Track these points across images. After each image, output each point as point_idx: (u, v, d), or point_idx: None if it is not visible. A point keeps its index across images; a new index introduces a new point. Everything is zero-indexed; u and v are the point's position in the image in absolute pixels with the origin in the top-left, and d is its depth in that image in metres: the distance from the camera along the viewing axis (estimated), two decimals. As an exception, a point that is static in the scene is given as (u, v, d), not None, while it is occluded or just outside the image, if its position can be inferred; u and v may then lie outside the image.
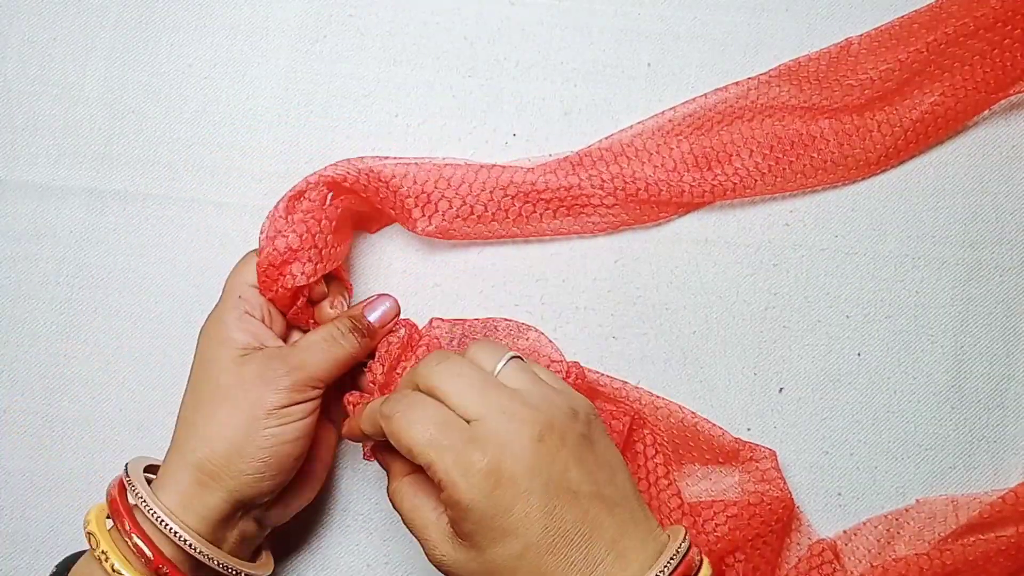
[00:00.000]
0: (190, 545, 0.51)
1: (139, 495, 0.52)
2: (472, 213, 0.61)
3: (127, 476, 0.53)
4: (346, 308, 0.58)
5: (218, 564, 0.52)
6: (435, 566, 0.49)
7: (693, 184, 0.62)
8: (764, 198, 0.63)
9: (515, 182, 0.61)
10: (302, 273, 0.56)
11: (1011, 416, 0.62)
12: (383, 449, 0.54)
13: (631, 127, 0.63)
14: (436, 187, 0.60)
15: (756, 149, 0.62)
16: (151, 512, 0.51)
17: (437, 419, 0.47)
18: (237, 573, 0.54)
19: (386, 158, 0.61)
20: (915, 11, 0.63)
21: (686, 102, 0.63)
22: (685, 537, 0.48)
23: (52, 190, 0.65)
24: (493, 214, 0.61)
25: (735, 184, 0.62)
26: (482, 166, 0.61)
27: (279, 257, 0.56)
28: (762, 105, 0.62)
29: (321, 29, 0.65)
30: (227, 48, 0.66)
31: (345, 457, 0.62)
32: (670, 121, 0.62)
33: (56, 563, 0.55)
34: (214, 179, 0.65)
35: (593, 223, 0.62)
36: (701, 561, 0.48)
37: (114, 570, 0.50)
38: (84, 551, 0.54)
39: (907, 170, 0.64)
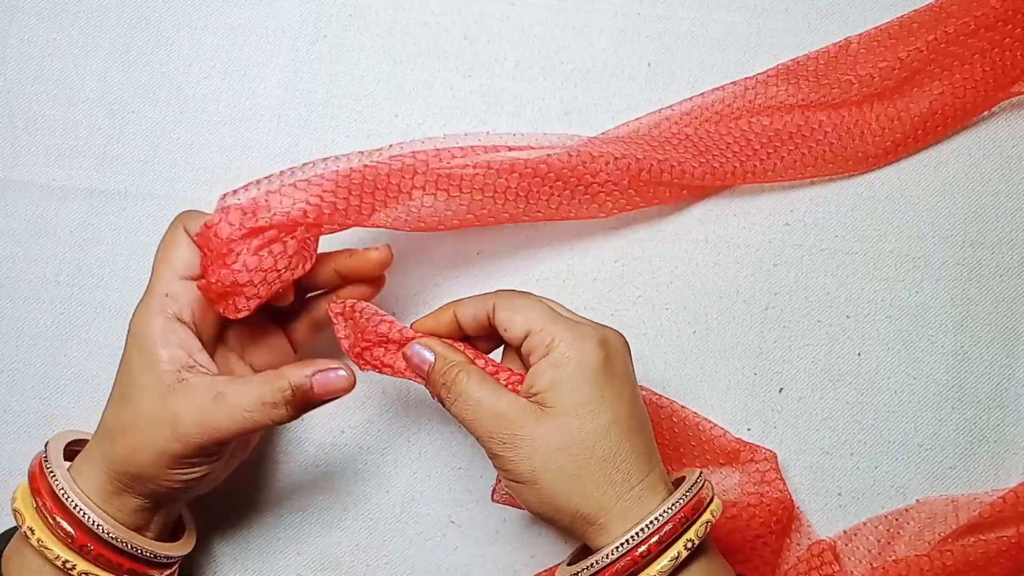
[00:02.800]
0: (108, 534, 0.50)
1: (56, 480, 0.51)
2: (461, 201, 0.56)
3: (46, 459, 0.52)
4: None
5: (139, 551, 0.51)
6: (498, 447, 0.49)
7: (695, 165, 0.61)
8: (764, 197, 0.63)
9: (512, 165, 0.57)
10: (245, 307, 0.52)
11: (1011, 416, 0.62)
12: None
13: (627, 123, 0.63)
14: (416, 179, 0.55)
15: (754, 138, 0.62)
16: (68, 499, 0.50)
17: (547, 307, 0.51)
18: (155, 556, 0.52)
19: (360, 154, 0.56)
20: (915, 10, 0.63)
21: (683, 101, 0.63)
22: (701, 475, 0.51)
23: (52, 190, 0.65)
24: (483, 198, 0.57)
25: (735, 168, 0.61)
26: (472, 147, 0.57)
27: (223, 288, 0.51)
28: (760, 105, 0.62)
29: (321, 29, 0.65)
30: (227, 48, 0.66)
31: (346, 458, 0.62)
32: (667, 119, 0.62)
33: None
34: (214, 179, 0.65)
35: (594, 202, 0.60)
36: (712, 496, 0.51)
37: (41, 545, 0.50)
38: (11, 529, 0.54)
39: (907, 170, 0.64)
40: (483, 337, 0.54)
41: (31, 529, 0.50)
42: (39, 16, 0.66)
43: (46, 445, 0.54)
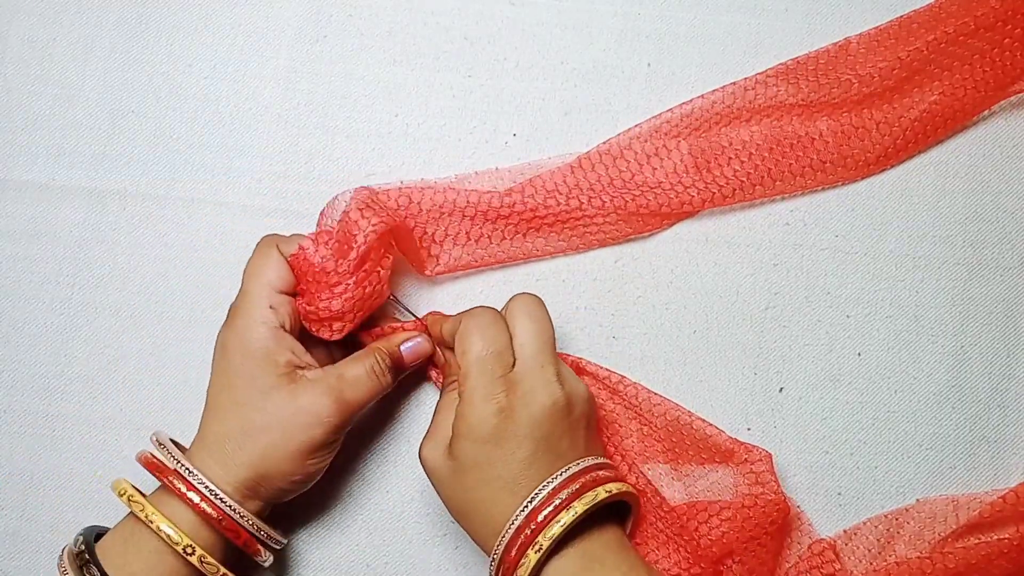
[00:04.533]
0: (231, 507, 0.54)
1: (178, 462, 0.54)
2: (469, 239, 0.61)
3: (160, 445, 0.55)
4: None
5: (256, 528, 0.55)
6: (421, 460, 0.56)
7: (694, 191, 0.62)
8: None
9: (514, 207, 0.61)
10: (342, 331, 0.57)
11: (1012, 416, 0.62)
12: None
13: (628, 130, 0.63)
14: (436, 230, 0.61)
15: (755, 152, 0.62)
16: (193, 476, 0.53)
17: (498, 346, 0.54)
18: (268, 537, 0.56)
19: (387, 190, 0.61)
20: (914, 11, 0.63)
21: (683, 103, 0.63)
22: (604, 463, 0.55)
23: (52, 190, 0.65)
24: (491, 238, 0.62)
25: (735, 189, 0.62)
26: (479, 193, 0.61)
27: (325, 314, 0.56)
28: (760, 105, 0.62)
29: (321, 29, 0.66)
30: (227, 48, 0.66)
31: (346, 457, 0.62)
32: (667, 122, 0.62)
33: (79, 532, 0.55)
34: (214, 179, 0.65)
35: (592, 237, 0.63)
36: (612, 479, 0.54)
37: (161, 531, 0.52)
38: (101, 528, 0.55)
39: (907, 170, 0.64)
40: None
41: (150, 518, 0.53)
42: (39, 16, 0.66)
43: (154, 437, 0.56)
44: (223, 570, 0.54)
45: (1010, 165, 0.64)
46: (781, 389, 0.63)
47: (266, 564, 0.57)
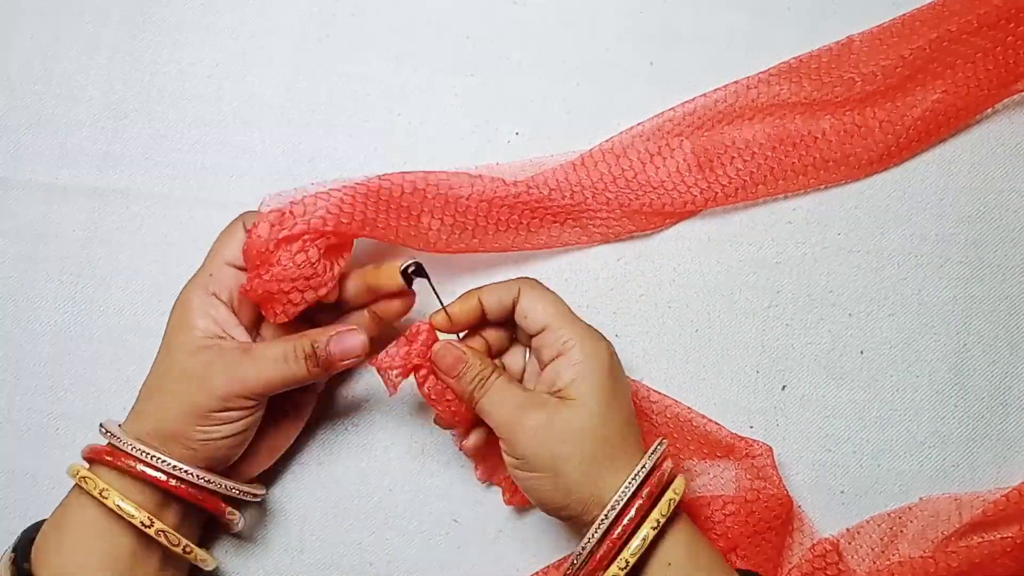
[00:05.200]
0: (185, 471, 0.54)
1: (123, 442, 0.54)
2: (466, 228, 0.60)
3: (106, 431, 0.55)
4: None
5: (219, 485, 0.55)
6: (521, 445, 0.53)
7: (696, 191, 0.62)
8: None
9: (516, 196, 0.61)
10: (283, 312, 0.55)
11: (1014, 414, 0.62)
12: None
13: (631, 128, 0.63)
14: (425, 203, 0.59)
15: (758, 151, 0.62)
16: (141, 452, 0.53)
17: (564, 307, 0.56)
18: (230, 489, 0.56)
19: (367, 182, 0.58)
20: (917, 9, 0.63)
21: (686, 102, 0.63)
22: (656, 450, 0.54)
23: (55, 189, 0.65)
24: (488, 225, 0.61)
25: (737, 188, 0.62)
26: (480, 176, 0.61)
27: (258, 295, 0.55)
28: (763, 104, 0.62)
29: (324, 28, 0.66)
30: (230, 48, 0.66)
31: (348, 458, 0.62)
32: (670, 121, 0.62)
33: (16, 537, 0.55)
34: (217, 178, 0.65)
35: (596, 231, 0.63)
36: (674, 476, 0.54)
37: (117, 505, 0.53)
38: (39, 521, 0.55)
39: (910, 168, 0.64)
40: (500, 326, 0.58)
41: (104, 492, 0.53)
42: (42, 16, 0.66)
43: (101, 425, 0.56)
44: (184, 541, 0.54)
45: (1012, 164, 0.64)
46: (784, 387, 0.62)
47: (239, 526, 0.57)
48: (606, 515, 0.51)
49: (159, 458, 0.53)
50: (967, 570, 0.58)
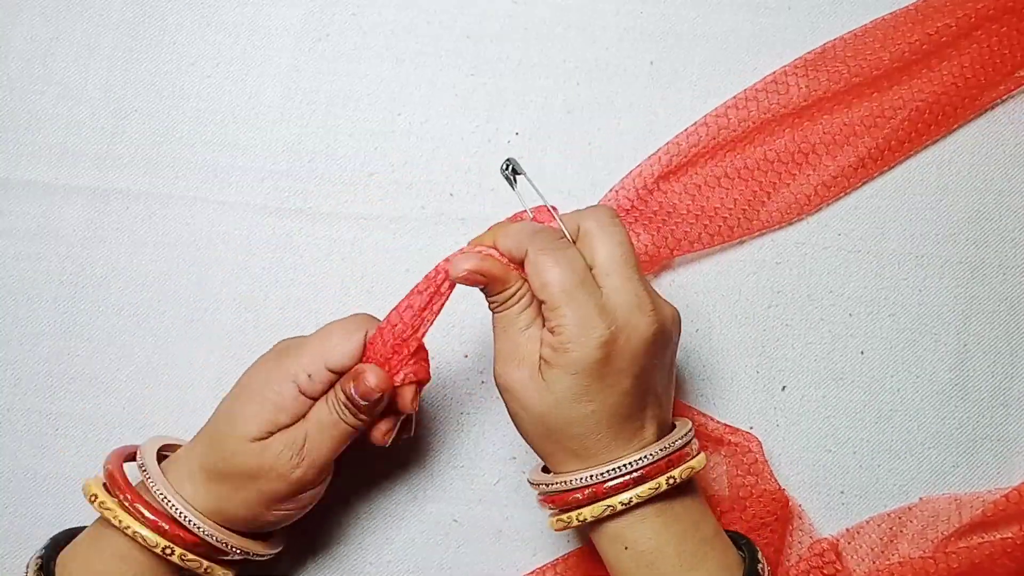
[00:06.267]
0: (196, 526, 0.53)
1: (148, 475, 0.53)
2: None
3: (141, 459, 0.54)
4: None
5: (226, 545, 0.54)
6: (498, 374, 0.52)
7: (700, 227, 0.62)
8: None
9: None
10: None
11: (1015, 414, 0.62)
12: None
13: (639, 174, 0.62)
14: None
15: (752, 179, 0.63)
16: (159, 493, 0.53)
17: (579, 275, 0.50)
18: (245, 553, 0.55)
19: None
20: (915, 4, 0.63)
21: (695, 127, 0.62)
22: (688, 432, 0.53)
23: (55, 189, 0.65)
24: None
25: (737, 221, 0.62)
26: None
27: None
28: (778, 104, 0.62)
29: (324, 28, 0.66)
30: (230, 47, 0.66)
31: (348, 457, 0.62)
32: (667, 153, 0.62)
33: (45, 544, 0.55)
34: (217, 178, 0.65)
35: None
36: (698, 451, 0.53)
37: (136, 535, 0.52)
38: (75, 528, 0.55)
39: (910, 168, 0.64)
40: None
41: (120, 522, 0.52)
42: (42, 15, 0.66)
43: (140, 449, 0.56)
44: (205, 563, 0.53)
45: (1013, 163, 0.64)
46: (784, 388, 0.62)
47: None
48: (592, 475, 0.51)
49: (176, 508, 0.53)
50: (967, 570, 0.58)
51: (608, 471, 0.50)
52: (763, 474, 0.59)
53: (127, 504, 0.52)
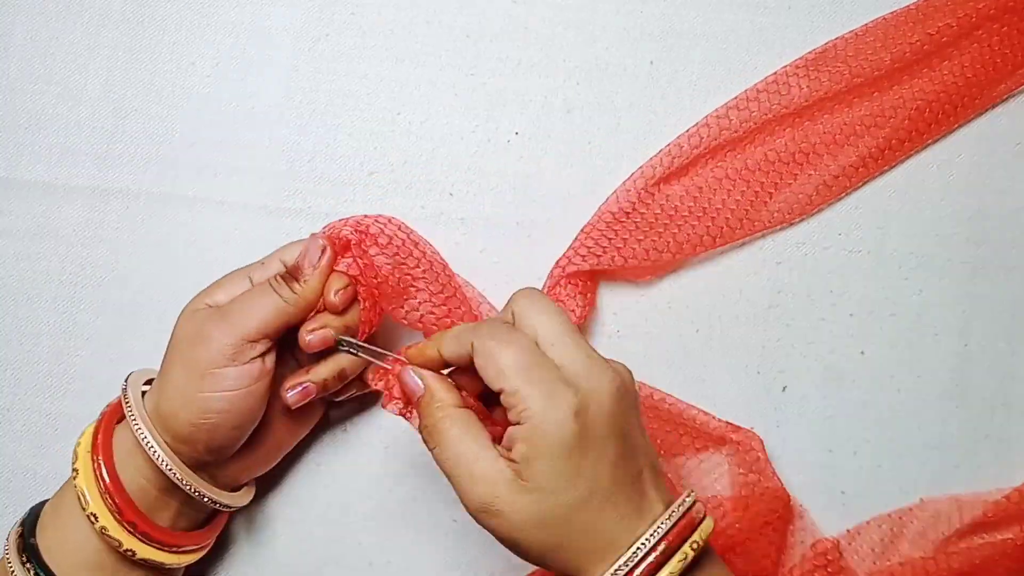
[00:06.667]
0: (167, 467, 0.53)
1: (131, 410, 0.54)
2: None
3: (124, 390, 0.55)
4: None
5: (193, 491, 0.54)
6: (475, 511, 0.47)
7: (701, 230, 0.62)
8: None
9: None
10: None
11: (1016, 415, 0.62)
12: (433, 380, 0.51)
13: (642, 175, 0.62)
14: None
15: (753, 179, 0.62)
16: (137, 429, 0.53)
17: (532, 351, 0.47)
18: (211, 500, 0.55)
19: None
20: (916, 3, 0.63)
21: (697, 127, 0.62)
22: (691, 494, 0.49)
23: (55, 189, 0.65)
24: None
25: (741, 220, 0.62)
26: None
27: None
28: (780, 105, 0.62)
29: (323, 27, 0.66)
30: (229, 47, 0.66)
31: (348, 457, 0.62)
32: (667, 155, 0.62)
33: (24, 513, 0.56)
34: (216, 178, 0.65)
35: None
36: (704, 516, 0.49)
37: (100, 526, 0.53)
38: (43, 501, 0.56)
39: (911, 168, 0.64)
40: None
41: (94, 515, 0.53)
42: (42, 15, 0.66)
43: (128, 376, 0.56)
44: (126, 544, 0.53)
45: (1013, 163, 0.64)
46: (784, 388, 0.62)
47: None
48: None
49: (152, 447, 0.53)
50: (968, 571, 0.57)
51: (633, 552, 0.46)
52: (765, 472, 0.59)
53: (96, 459, 0.53)
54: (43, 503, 0.56)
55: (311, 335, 0.54)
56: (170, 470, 0.53)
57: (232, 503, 0.57)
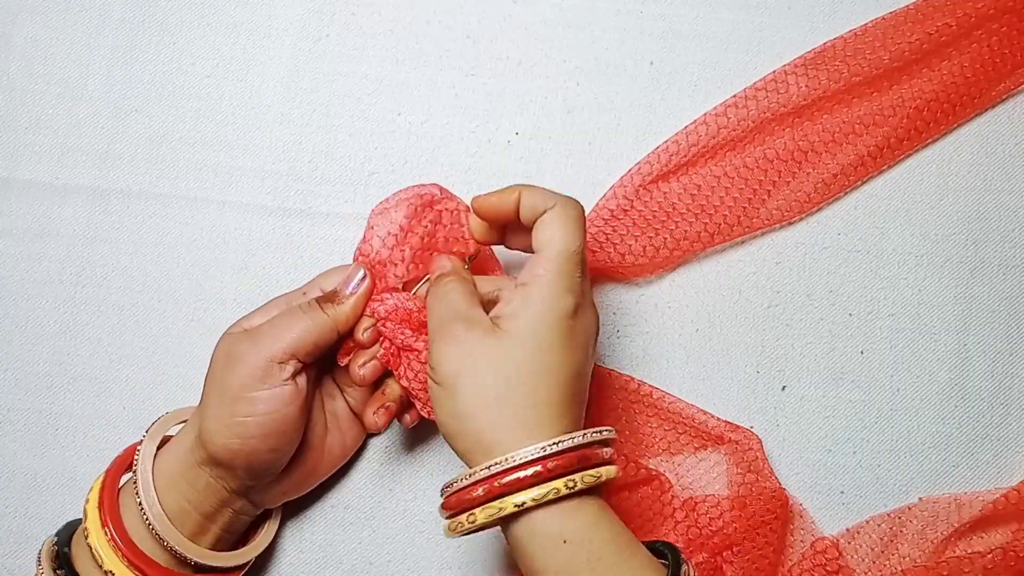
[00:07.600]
0: (166, 544, 0.54)
1: (135, 476, 0.55)
2: None
3: (140, 444, 0.56)
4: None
5: (193, 563, 0.55)
6: (435, 349, 0.50)
7: (700, 226, 0.62)
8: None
9: None
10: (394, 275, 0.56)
11: (1014, 414, 0.62)
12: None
13: (639, 170, 0.62)
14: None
15: (751, 177, 0.62)
16: (139, 501, 0.54)
17: (582, 245, 0.52)
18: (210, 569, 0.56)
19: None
20: (916, 1, 0.63)
21: (696, 124, 0.62)
22: (601, 431, 0.50)
23: (55, 189, 0.65)
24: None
25: (737, 219, 0.62)
26: None
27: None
28: (777, 103, 0.62)
29: (324, 28, 0.66)
30: (230, 47, 0.66)
31: (349, 459, 0.62)
32: (665, 151, 0.62)
33: (58, 529, 0.56)
34: (217, 178, 0.65)
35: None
36: (608, 461, 0.50)
37: (97, 553, 0.53)
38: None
39: (910, 168, 0.64)
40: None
41: (90, 542, 0.54)
42: (42, 15, 0.66)
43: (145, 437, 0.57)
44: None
45: (1012, 163, 0.64)
46: (784, 387, 0.62)
47: None
48: (489, 466, 0.48)
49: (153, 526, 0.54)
50: (968, 571, 0.58)
51: (499, 462, 0.48)
52: (763, 472, 0.59)
53: (104, 520, 0.54)
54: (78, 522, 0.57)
55: (362, 369, 0.55)
56: (169, 545, 0.54)
57: (224, 564, 0.57)
